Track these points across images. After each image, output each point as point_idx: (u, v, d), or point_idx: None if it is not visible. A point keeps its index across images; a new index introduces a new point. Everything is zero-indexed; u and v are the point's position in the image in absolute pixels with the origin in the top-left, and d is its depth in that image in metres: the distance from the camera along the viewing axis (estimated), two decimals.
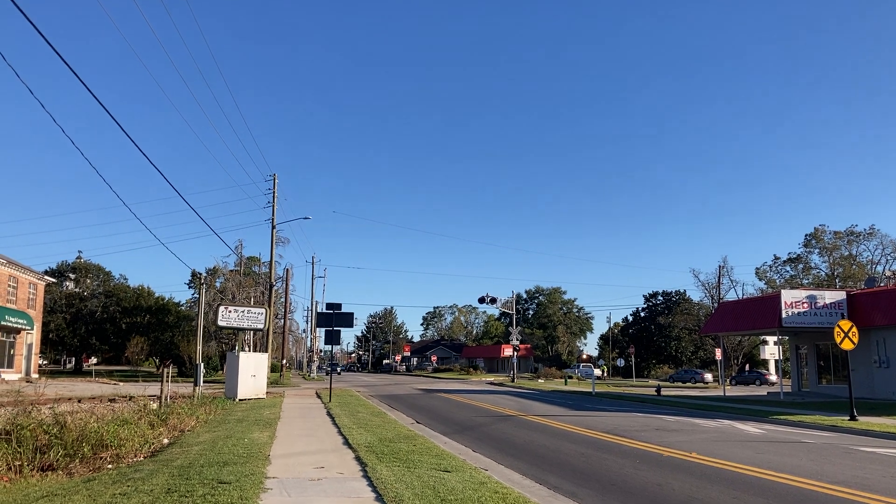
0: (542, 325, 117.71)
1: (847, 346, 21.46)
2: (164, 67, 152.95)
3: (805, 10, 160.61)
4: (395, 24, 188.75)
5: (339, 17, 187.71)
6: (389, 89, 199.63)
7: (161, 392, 20.11)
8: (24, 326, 46.97)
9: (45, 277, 55.99)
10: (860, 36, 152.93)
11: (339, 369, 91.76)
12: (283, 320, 58.93)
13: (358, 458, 10.97)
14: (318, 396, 29.40)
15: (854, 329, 21.60)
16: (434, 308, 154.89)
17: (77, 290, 74.55)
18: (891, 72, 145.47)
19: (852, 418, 20.06)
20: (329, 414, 19.90)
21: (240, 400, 25.93)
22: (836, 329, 21.68)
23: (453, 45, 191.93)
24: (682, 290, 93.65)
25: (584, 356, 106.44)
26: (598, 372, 79.29)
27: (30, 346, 50.52)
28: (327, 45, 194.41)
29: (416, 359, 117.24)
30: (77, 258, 78.80)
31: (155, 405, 17.93)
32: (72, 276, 75.62)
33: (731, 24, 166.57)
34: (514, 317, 62.10)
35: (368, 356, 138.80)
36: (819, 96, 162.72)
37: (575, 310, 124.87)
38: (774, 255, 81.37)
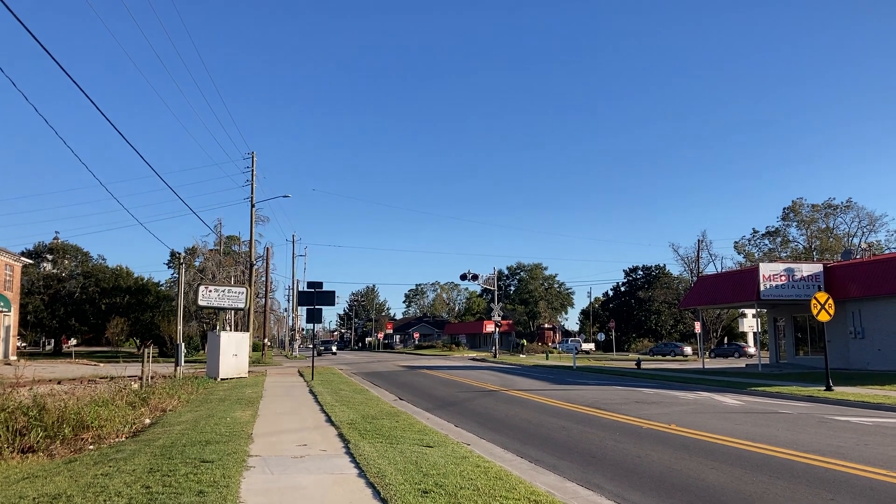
0: (524, 301, 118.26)
1: (823, 317, 21.82)
2: (135, 39, 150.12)
3: None
4: None
5: None
6: (368, 66, 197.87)
7: (142, 372, 19.98)
8: (1, 308, 46.40)
9: (22, 259, 55.21)
10: (845, 12, 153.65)
11: (334, 348, 78.28)
12: (264, 299, 58.60)
13: (341, 436, 11.01)
14: (301, 375, 29.41)
15: (830, 301, 21.95)
16: (416, 285, 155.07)
17: (55, 271, 73.61)
18: (872, 46, 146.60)
19: (828, 388, 20.45)
20: (311, 392, 19.92)
21: (221, 379, 25.86)
22: (813, 301, 22.02)
23: (434, 23, 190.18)
24: (661, 265, 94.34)
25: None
26: (587, 346, 79.62)
27: (8, 329, 49.92)
28: (305, 19, 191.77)
29: (398, 336, 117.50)
30: (54, 239, 77.67)
31: (136, 385, 17.85)
32: (49, 256, 74.59)
33: None
34: (496, 293, 62.32)
35: (351, 334, 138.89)
36: (798, 70, 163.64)
37: (556, 285, 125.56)
38: (753, 228, 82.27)
